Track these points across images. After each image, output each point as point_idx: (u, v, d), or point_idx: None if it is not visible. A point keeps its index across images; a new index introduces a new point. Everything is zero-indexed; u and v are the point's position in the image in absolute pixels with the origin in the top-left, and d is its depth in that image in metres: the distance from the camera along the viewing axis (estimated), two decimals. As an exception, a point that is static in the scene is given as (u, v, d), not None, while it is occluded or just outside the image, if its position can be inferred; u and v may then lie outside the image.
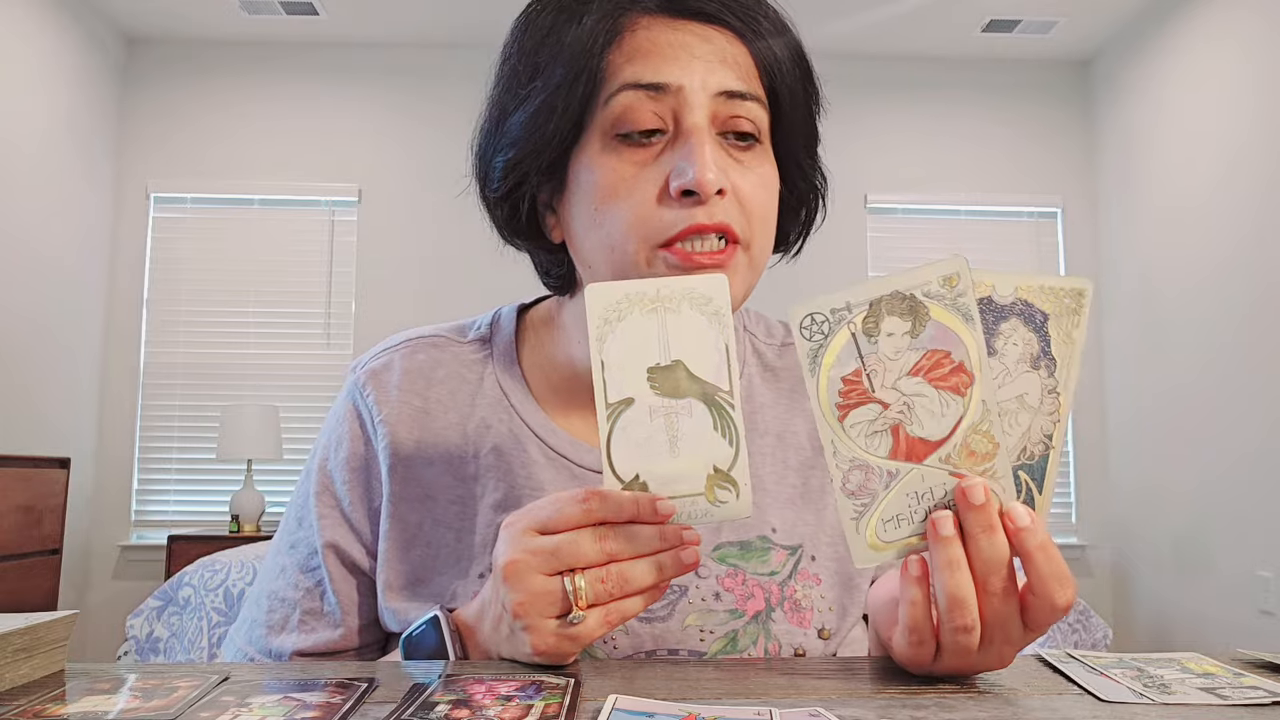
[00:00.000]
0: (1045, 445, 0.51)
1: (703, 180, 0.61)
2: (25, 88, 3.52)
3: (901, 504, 0.50)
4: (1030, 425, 0.50)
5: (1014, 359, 0.50)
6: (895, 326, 0.50)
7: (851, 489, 0.50)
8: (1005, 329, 0.50)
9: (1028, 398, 0.50)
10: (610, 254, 0.65)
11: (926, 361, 0.50)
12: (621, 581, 0.52)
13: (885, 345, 0.50)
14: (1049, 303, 0.50)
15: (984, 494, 0.49)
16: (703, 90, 0.63)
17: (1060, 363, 0.50)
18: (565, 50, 0.65)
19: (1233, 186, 3.38)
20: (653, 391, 0.53)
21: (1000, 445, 0.50)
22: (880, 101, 4.31)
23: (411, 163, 4.17)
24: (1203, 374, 3.51)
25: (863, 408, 0.50)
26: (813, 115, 0.71)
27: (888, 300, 0.50)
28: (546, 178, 0.69)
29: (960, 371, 0.50)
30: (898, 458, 0.50)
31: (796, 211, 0.74)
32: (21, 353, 3.48)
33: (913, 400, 0.50)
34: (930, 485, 0.50)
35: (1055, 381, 0.50)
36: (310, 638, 0.72)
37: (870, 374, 0.50)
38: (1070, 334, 0.50)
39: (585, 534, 0.52)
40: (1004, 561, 0.49)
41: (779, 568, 0.71)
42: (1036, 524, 0.49)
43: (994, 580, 0.49)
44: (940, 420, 0.50)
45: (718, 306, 0.54)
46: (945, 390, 0.50)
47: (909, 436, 0.50)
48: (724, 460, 0.53)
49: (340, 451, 0.74)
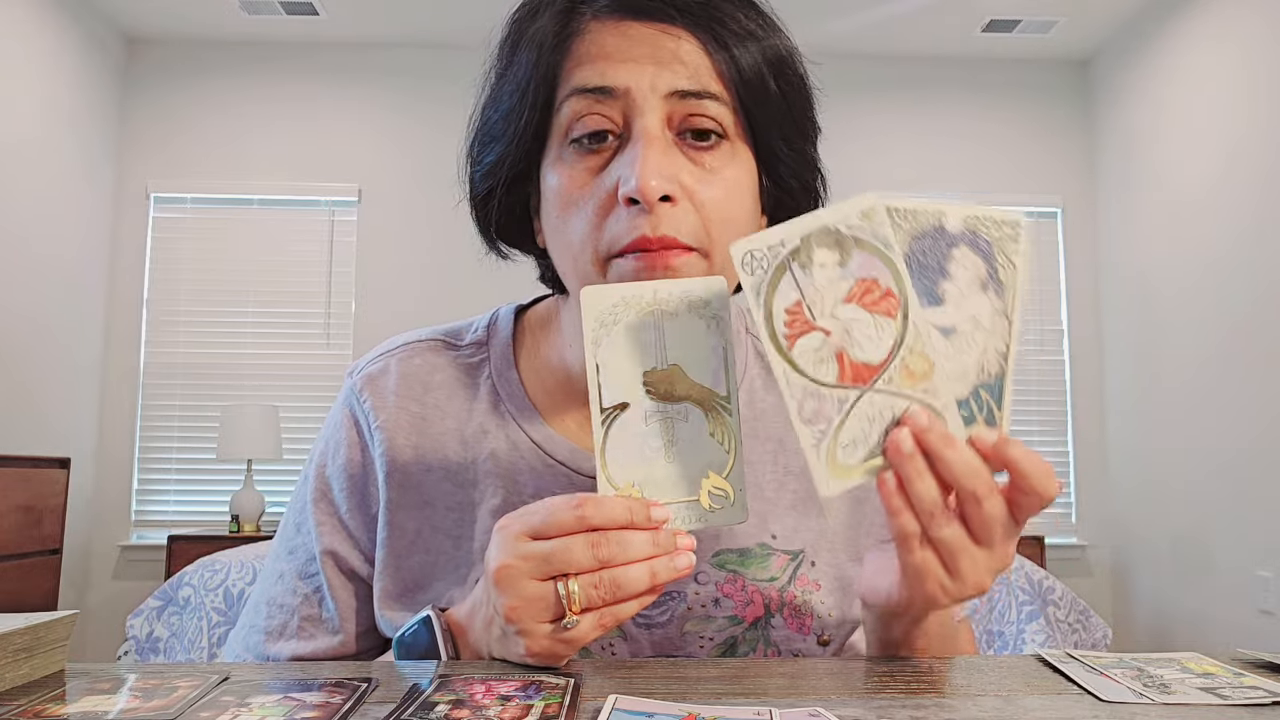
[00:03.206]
0: (1001, 364, 0.53)
1: (644, 188, 0.59)
2: (25, 88, 3.51)
3: (857, 428, 0.52)
4: (985, 346, 0.53)
5: (965, 281, 0.53)
6: (826, 258, 0.52)
7: (807, 416, 0.52)
8: (957, 254, 0.53)
9: (980, 318, 0.53)
10: (573, 261, 0.65)
11: (858, 289, 0.52)
12: (614, 587, 0.52)
13: (819, 275, 0.52)
14: (991, 231, 0.53)
15: (926, 417, 0.51)
16: (653, 92, 0.62)
17: (1006, 286, 0.53)
18: (523, 56, 0.66)
19: (1232, 186, 3.38)
20: (648, 396, 0.53)
21: (935, 365, 0.52)
22: (880, 101, 4.31)
23: (411, 163, 4.17)
24: (1202, 374, 3.51)
25: (807, 336, 0.52)
26: (793, 107, 0.67)
27: (816, 234, 0.52)
28: (521, 182, 0.69)
29: (889, 296, 0.52)
30: (845, 382, 0.52)
31: (791, 207, 0.71)
32: (21, 353, 3.48)
33: (850, 326, 0.52)
34: (880, 408, 0.52)
35: (1004, 304, 0.53)
36: (309, 644, 0.71)
37: (810, 304, 0.52)
38: (1012, 259, 0.53)
39: (578, 539, 0.52)
40: (975, 467, 0.51)
41: (779, 573, 0.70)
42: (1003, 436, 0.52)
43: (977, 485, 0.51)
44: (878, 344, 0.52)
45: (716, 310, 0.53)
46: (878, 314, 0.52)
47: (853, 361, 0.52)
48: (720, 466, 0.53)
49: (337, 458, 0.73)
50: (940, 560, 0.53)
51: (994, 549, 0.53)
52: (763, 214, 0.70)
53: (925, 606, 0.56)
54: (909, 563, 0.53)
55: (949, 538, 0.52)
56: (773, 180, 0.69)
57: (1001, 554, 0.53)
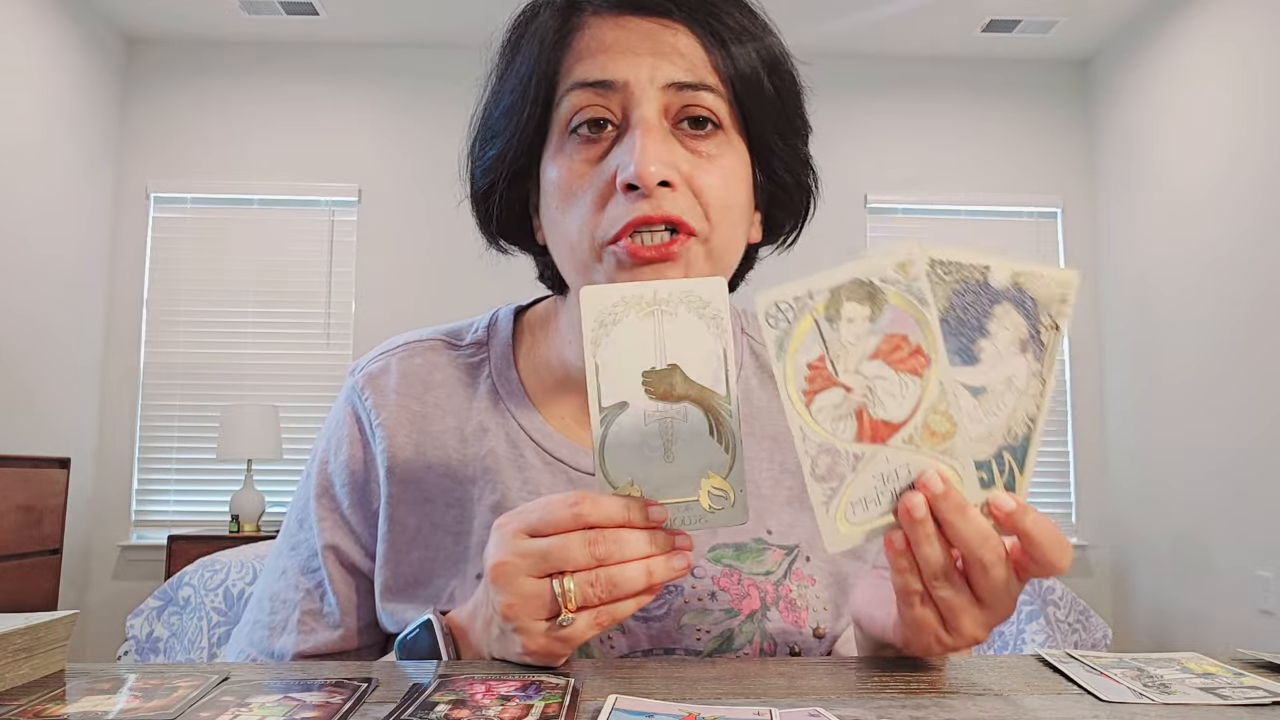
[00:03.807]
0: (1028, 427, 0.52)
1: (643, 173, 0.60)
2: (25, 88, 3.51)
3: (868, 486, 0.51)
4: (1015, 407, 0.52)
5: (1005, 341, 0.51)
6: (855, 312, 0.51)
7: (820, 473, 0.51)
8: (998, 311, 0.51)
9: (1015, 380, 0.51)
10: (571, 253, 0.66)
11: (886, 345, 0.51)
12: (610, 586, 0.52)
13: (846, 331, 0.51)
14: (1039, 289, 0.52)
15: (940, 480, 0.50)
16: (650, 84, 0.63)
17: (1046, 348, 0.52)
18: (525, 53, 0.67)
19: (1232, 186, 3.38)
20: (647, 396, 0.53)
21: (958, 425, 0.51)
22: (880, 101, 4.31)
23: (411, 163, 4.17)
24: (1202, 374, 3.51)
25: (827, 392, 0.51)
26: (786, 103, 0.69)
27: (847, 287, 0.50)
28: (521, 179, 0.70)
29: (918, 354, 0.51)
30: (863, 440, 0.51)
31: (785, 201, 0.73)
32: (21, 353, 3.48)
33: (874, 383, 0.51)
34: (894, 467, 0.51)
35: (1040, 366, 0.52)
36: (310, 639, 0.72)
37: (834, 359, 0.51)
38: (1057, 321, 0.52)
39: (575, 537, 0.52)
40: (986, 535, 0.50)
41: (774, 567, 0.71)
42: (1021, 505, 0.51)
43: (985, 554, 0.50)
44: (901, 402, 0.51)
45: (716, 310, 0.53)
46: (904, 372, 0.51)
47: (872, 419, 0.51)
48: (719, 466, 0.53)
49: (339, 455, 0.74)
50: (939, 617, 0.53)
51: (996, 609, 0.52)
52: (756, 208, 0.72)
53: (919, 654, 0.56)
54: (908, 615, 0.53)
55: (951, 599, 0.52)
56: (767, 175, 0.70)
57: (1002, 611, 0.53)
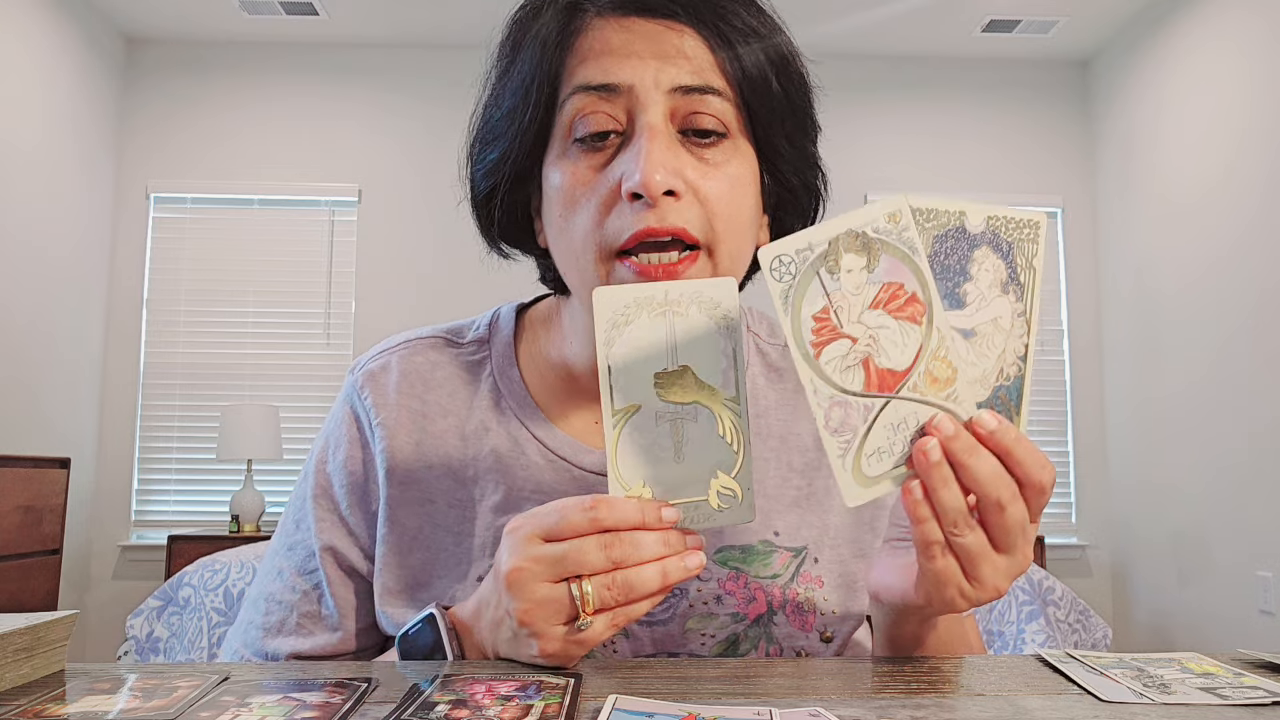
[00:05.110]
0: (1019, 366, 0.53)
1: (649, 182, 0.59)
2: (25, 88, 3.51)
3: (881, 437, 0.52)
4: (1004, 347, 0.53)
5: (987, 284, 0.52)
6: (853, 263, 0.51)
7: (834, 426, 0.51)
8: (978, 255, 0.52)
9: (1001, 320, 0.53)
10: (575, 261, 0.65)
11: (884, 294, 0.51)
12: (627, 588, 0.52)
13: (846, 281, 0.51)
14: (1010, 233, 0.53)
15: (951, 424, 0.51)
16: (656, 88, 0.62)
17: (1025, 288, 0.53)
18: (526, 55, 0.66)
19: (1232, 185, 3.38)
20: (659, 397, 0.53)
21: (959, 370, 0.52)
22: (880, 101, 4.31)
23: (411, 163, 4.17)
24: (1203, 373, 3.51)
25: (834, 344, 0.51)
26: (795, 104, 0.67)
27: (844, 238, 0.51)
28: (523, 182, 0.68)
29: (914, 301, 0.51)
30: (871, 390, 0.51)
31: (793, 204, 0.71)
32: (22, 353, 3.48)
33: (877, 333, 0.51)
34: (904, 416, 0.52)
35: (1023, 305, 0.53)
36: (308, 641, 0.71)
37: (837, 310, 0.51)
38: (1031, 261, 0.53)
39: (590, 541, 0.52)
40: (999, 472, 0.51)
41: (781, 570, 0.70)
42: (1001, 423, 0.51)
43: (1001, 492, 0.51)
44: (903, 350, 0.51)
45: (726, 310, 0.53)
46: (904, 320, 0.51)
47: (878, 368, 0.51)
48: (728, 466, 0.54)
49: (338, 455, 0.73)
50: (961, 567, 0.53)
51: (1014, 554, 0.53)
52: (764, 212, 0.70)
53: (942, 610, 0.56)
54: (930, 569, 0.53)
55: (971, 544, 0.52)
56: (774, 178, 0.69)
57: (1020, 559, 0.53)
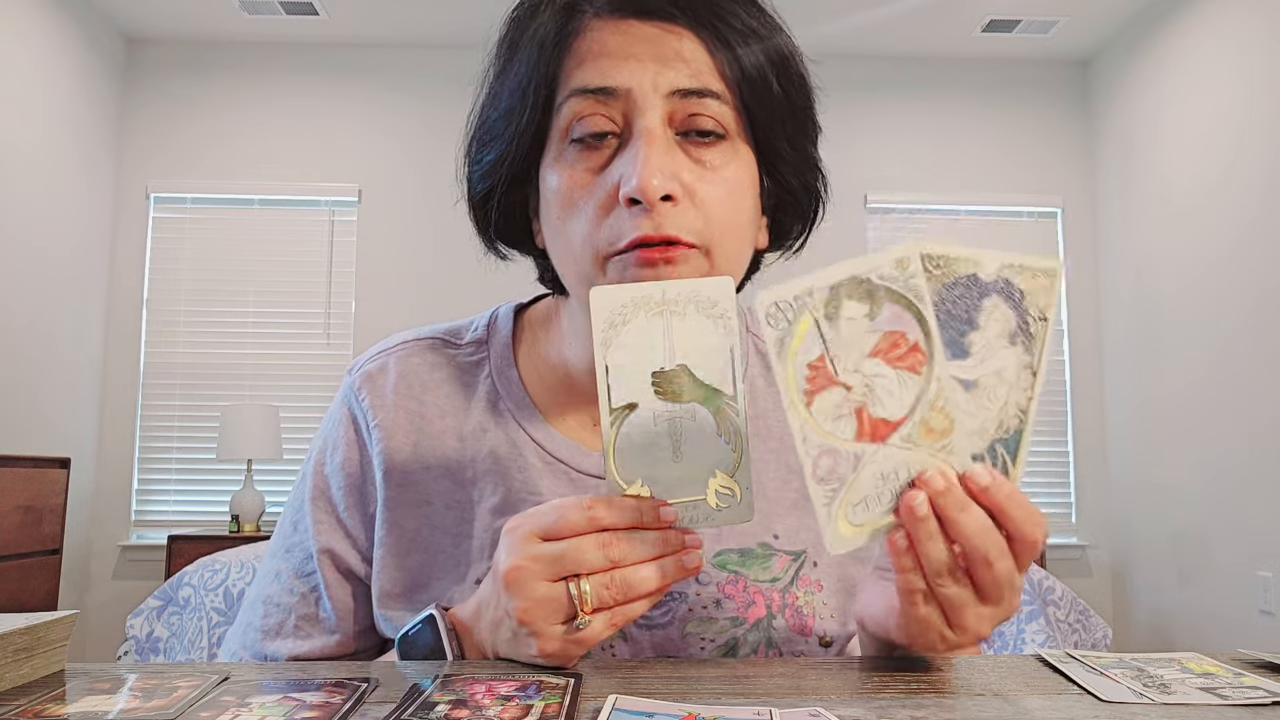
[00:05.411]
0: (1020, 419, 0.52)
1: (645, 187, 0.59)
2: (25, 88, 3.51)
3: (868, 486, 0.51)
4: (1006, 399, 0.52)
5: (994, 334, 0.51)
6: (854, 310, 0.50)
7: (822, 474, 0.51)
8: (988, 304, 0.51)
9: (1005, 372, 0.51)
10: (573, 263, 0.65)
11: (884, 343, 0.51)
12: (625, 587, 0.52)
13: (846, 329, 0.50)
14: (1025, 281, 0.52)
15: (941, 480, 0.50)
16: (654, 91, 0.61)
17: (1035, 339, 0.52)
18: (524, 56, 0.65)
19: (1232, 185, 3.38)
20: (657, 396, 0.53)
21: (956, 421, 0.51)
22: (880, 101, 4.31)
23: (411, 163, 4.17)
24: (1203, 373, 3.51)
25: (828, 392, 0.51)
26: (795, 106, 0.67)
27: (846, 285, 0.50)
28: (520, 184, 0.68)
29: (915, 351, 0.51)
30: (863, 439, 0.51)
31: (792, 206, 0.71)
32: (22, 353, 3.48)
33: (873, 381, 0.51)
34: (894, 466, 0.51)
35: (1030, 358, 0.52)
36: (306, 643, 0.71)
37: (833, 359, 0.50)
38: (1044, 311, 0.52)
39: (589, 540, 0.52)
40: (988, 528, 0.50)
41: (781, 574, 0.70)
42: (996, 478, 0.51)
43: (989, 548, 0.50)
44: (899, 400, 0.51)
45: (724, 309, 0.53)
46: (902, 370, 0.51)
47: (871, 417, 0.51)
48: (727, 465, 0.53)
49: (335, 456, 0.73)
50: (944, 614, 0.52)
51: (1000, 605, 0.52)
52: (763, 214, 0.70)
53: (923, 651, 0.56)
54: (912, 614, 0.53)
55: (955, 596, 0.51)
56: (774, 180, 0.68)
57: (1007, 608, 0.53)
